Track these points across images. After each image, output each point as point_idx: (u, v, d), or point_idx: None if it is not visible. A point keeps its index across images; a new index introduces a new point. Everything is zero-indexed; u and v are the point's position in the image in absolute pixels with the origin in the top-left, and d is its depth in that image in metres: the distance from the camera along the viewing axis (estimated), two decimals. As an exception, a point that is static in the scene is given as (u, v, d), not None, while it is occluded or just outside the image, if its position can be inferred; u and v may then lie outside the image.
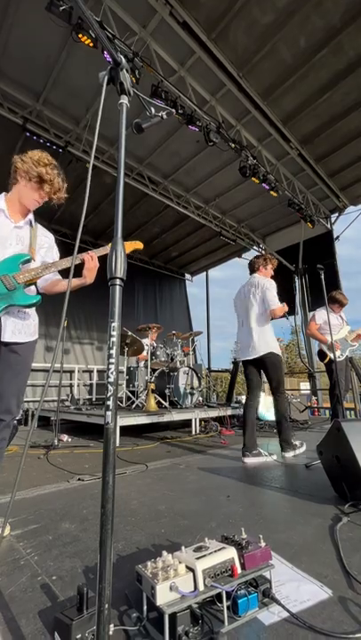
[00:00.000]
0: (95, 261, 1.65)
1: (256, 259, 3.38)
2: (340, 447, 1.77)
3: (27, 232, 1.63)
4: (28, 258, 1.57)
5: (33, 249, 1.61)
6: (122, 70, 0.95)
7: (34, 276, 1.54)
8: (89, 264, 1.64)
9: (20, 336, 1.57)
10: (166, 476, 2.47)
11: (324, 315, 4.13)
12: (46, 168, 1.57)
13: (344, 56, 4.37)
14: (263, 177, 5.69)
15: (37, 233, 1.67)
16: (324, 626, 0.87)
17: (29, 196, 1.59)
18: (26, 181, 1.58)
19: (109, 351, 0.77)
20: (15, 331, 1.55)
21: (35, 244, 1.63)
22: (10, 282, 1.48)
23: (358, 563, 1.18)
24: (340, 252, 7.72)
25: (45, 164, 1.58)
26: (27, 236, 1.63)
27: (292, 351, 35.46)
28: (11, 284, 1.48)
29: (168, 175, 6.72)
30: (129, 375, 5.56)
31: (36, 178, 1.56)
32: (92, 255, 1.65)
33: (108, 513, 0.68)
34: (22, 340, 1.58)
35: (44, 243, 1.71)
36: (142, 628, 0.87)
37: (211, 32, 4.11)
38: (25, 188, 1.59)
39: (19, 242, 1.59)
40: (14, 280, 1.49)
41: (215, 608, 0.91)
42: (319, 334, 4.26)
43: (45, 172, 1.57)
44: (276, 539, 1.36)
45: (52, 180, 1.58)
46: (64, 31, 3.68)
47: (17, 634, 0.88)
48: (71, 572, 1.17)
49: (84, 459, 3.11)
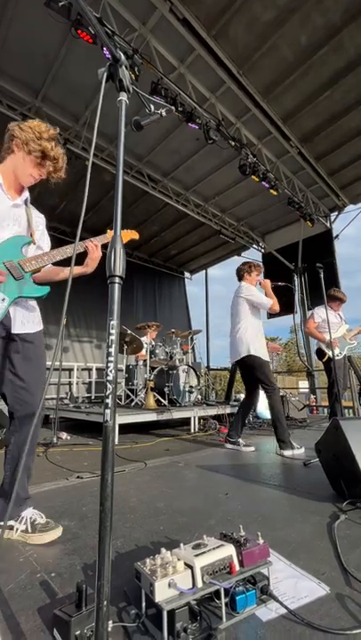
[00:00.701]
0: (99, 250, 1.55)
1: (242, 266, 3.55)
2: (338, 445, 1.78)
3: (23, 211, 1.50)
4: (28, 241, 1.47)
5: (32, 230, 1.50)
6: (121, 67, 0.94)
7: (40, 264, 1.44)
8: (93, 253, 1.55)
9: (29, 326, 1.51)
10: (165, 474, 2.48)
11: (322, 313, 4.15)
12: (51, 143, 1.41)
13: (345, 54, 4.36)
14: (263, 175, 5.68)
15: (32, 213, 1.55)
16: (321, 622, 0.88)
17: (26, 170, 1.43)
18: (24, 154, 1.41)
19: (108, 349, 0.77)
20: (24, 321, 1.49)
21: (32, 224, 1.51)
22: (17, 271, 1.39)
23: (356, 560, 1.19)
24: (339, 250, 7.72)
25: (51, 137, 1.42)
26: (23, 215, 1.50)
27: (291, 350, 35.63)
28: (18, 273, 1.39)
29: (167, 173, 6.71)
30: (128, 373, 5.56)
31: (37, 152, 1.40)
32: (95, 244, 1.56)
33: (107, 510, 0.68)
34: (31, 330, 1.52)
35: (38, 224, 1.60)
36: (141, 625, 0.88)
37: (211, 29, 4.09)
38: (22, 161, 1.42)
39: (16, 222, 1.46)
40: (21, 268, 1.40)
41: (213, 605, 0.92)
42: (317, 332, 4.28)
43: (50, 148, 1.41)
44: (274, 536, 1.36)
45: (56, 158, 1.43)
46: (63, 27, 3.66)
47: (16, 630, 0.88)
48: (70, 569, 1.18)
49: (83, 456, 3.12)
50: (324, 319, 4.11)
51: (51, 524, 1.43)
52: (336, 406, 3.54)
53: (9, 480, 1.46)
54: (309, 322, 4.43)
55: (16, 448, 1.49)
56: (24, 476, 1.49)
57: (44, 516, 1.46)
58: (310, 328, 4.38)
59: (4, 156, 1.45)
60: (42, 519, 1.44)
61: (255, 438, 3.97)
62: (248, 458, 2.94)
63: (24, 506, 1.47)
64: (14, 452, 1.49)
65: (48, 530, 1.40)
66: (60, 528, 1.44)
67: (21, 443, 1.48)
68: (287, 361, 37.89)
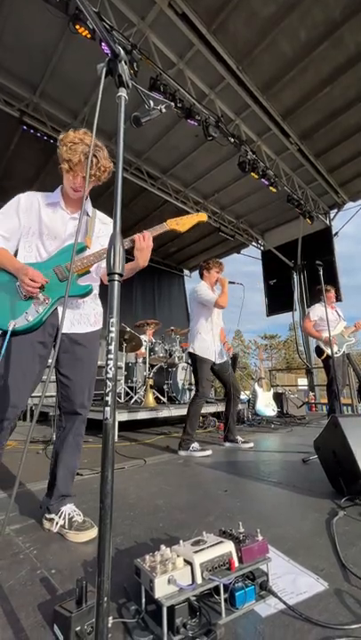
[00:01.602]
0: (148, 241, 1.43)
1: (202, 263, 3.52)
2: (337, 442, 1.79)
3: (83, 222, 1.55)
4: (82, 246, 1.50)
5: (89, 238, 1.54)
6: (120, 62, 0.93)
7: (85, 264, 1.46)
8: (140, 244, 1.42)
9: (80, 327, 1.54)
10: (164, 471, 2.49)
11: (318, 311, 4.20)
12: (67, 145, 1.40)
13: (345, 50, 4.34)
14: (262, 172, 5.66)
15: (95, 221, 1.60)
16: (320, 617, 0.88)
17: (66, 183, 1.49)
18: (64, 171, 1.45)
19: (108, 347, 0.77)
20: (74, 321, 1.53)
21: (91, 232, 1.56)
22: (62, 272, 1.44)
23: (354, 556, 1.20)
24: (338, 248, 7.72)
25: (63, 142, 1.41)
26: (83, 226, 1.55)
27: (290, 347, 35.71)
28: (63, 274, 1.44)
29: (167, 170, 6.68)
30: (127, 371, 5.56)
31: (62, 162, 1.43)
32: (145, 235, 1.43)
33: (107, 507, 0.68)
34: (82, 330, 1.55)
35: (101, 231, 1.61)
36: (141, 621, 0.88)
37: (210, 24, 4.06)
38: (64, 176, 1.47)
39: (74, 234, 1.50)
40: (65, 269, 1.44)
41: (213, 600, 0.93)
42: (314, 330, 4.30)
43: (65, 151, 1.40)
44: (273, 532, 1.37)
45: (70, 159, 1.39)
46: (61, 22, 3.63)
47: (17, 626, 0.89)
48: (70, 565, 1.18)
49: (83, 454, 3.11)
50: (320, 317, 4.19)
51: (87, 524, 1.44)
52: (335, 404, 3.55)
53: (50, 470, 1.56)
54: (306, 321, 4.46)
55: (59, 442, 1.56)
56: (66, 473, 1.55)
57: (82, 514, 1.48)
58: (307, 327, 4.40)
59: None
60: (79, 517, 1.46)
61: (255, 435, 3.99)
62: (247, 455, 2.95)
63: (65, 501, 1.51)
64: (57, 445, 1.56)
65: (84, 529, 1.41)
66: (96, 528, 1.42)
67: (64, 438, 1.56)
68: (286, 358, 38.00)
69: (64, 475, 1.53)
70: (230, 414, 3.38)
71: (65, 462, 1.54)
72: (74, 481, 1.62)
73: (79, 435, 1.59)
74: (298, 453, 2.87)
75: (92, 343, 1.60)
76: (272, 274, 8.92)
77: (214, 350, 3.27)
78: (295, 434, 4.09)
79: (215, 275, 3.37)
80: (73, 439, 1.57)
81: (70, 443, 1.56)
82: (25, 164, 6.03)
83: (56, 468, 1.53)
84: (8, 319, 1.37)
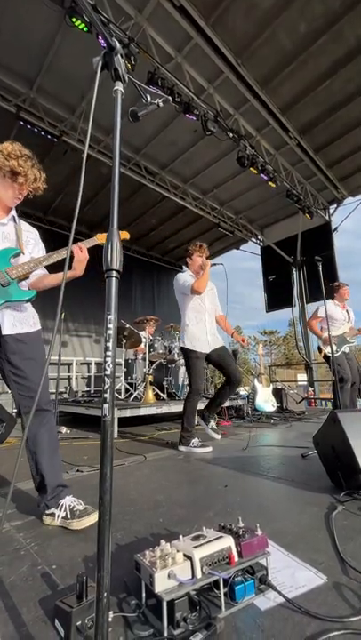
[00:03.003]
0: (85, 253, 1.63)
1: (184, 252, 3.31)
2: (336, 437, 1.79)
3: (12, 228, 1.61)
4: (17, 252, 1.56)
5: (21, 243, 1.60)
6: (116, 55, 0.92)
7: (26, 270, 1.54)
8: (78, 255, 1.61)
9: (22, 327, 1.57)
10: (164, 467, 2.50)
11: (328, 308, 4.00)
12: (18, 160, 1.50)
13: (344, 43, 4.29)
14: (261, 167, 5.63)
15: (22, 228, 1.65)
16: (319, 610, 0.89)
17: (6, 192, 1.54)
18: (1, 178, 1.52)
19: (106, 344, 0.77)
20: (15, 322, 1.55)
21: (21, 239, 1.62)
22: (3, 277, 1.48)
23: (353, 549, 1.21)
24: (338, 243, 7.71)
25: (17, 156, 1.50)
26: (12, 232, 1.60)
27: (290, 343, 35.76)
28: (4, 279, 1.49)
29: (165, 165, 6.64)
30: (127, 367, 5.57)
31: (8, 173, 1.50)
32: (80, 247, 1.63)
33: (107, 503, 0.69)
34: (25, 330, 1.58)
35: (29, 239, 1.68)
36: (141, 615, 0.89)
37: (209, 17, 4.01)
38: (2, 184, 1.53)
39: (4, 239, 1.57)
40: (7, 275, 1.50)
41: (213, 595, 0.93)
42: (315, 328, 4.32)
43: (17, 165, 1.49)
44: (272, 527, 1.38)
45: (25, 173, 1.51)
46: (57, 15, 3.59)
47: (18, 621, 0.89)
48: (71, 561, 1.19)
49: (83, 450, 3.14)
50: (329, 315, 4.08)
51: (89, 509, 1.47)
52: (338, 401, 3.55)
53: (34, 472, 1.55)
54: (311, 317, 4.44)
55: (33, 444, 1.55)
56: (53, 467, 1.55)
57: (82, 502, 1.51)
58: (310, 324, 4.41)
59: None
60: (80, 506, 1.49)
61: (254, 430, 4.00)
62: (247, 450, 2.97)
63: (63, 494, 1.53)
64: (30, 446, 1.56)
65: (87, 514, 1.44)
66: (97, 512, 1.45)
67: (35, 438, 1.54)
68: (286, 354, 38.09)
69: (51, 470, 1.54)
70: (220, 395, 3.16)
71: (48, 459, 1.54)
72: (69, 475, 1.63)
73: (53, 428, 1.61)
74: (297, 448, 2.88)
75: (37, 342, 1.64)
76: (271, 270, 8.91)
77: (206, 340, 3.03)
78: (294, 429, 4.10)
79: (198, 259, 3.13)
80: (48, 435, 1.57)
81: (46, 439, 1.56)
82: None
83: (40, 467, 1.53)
84: None
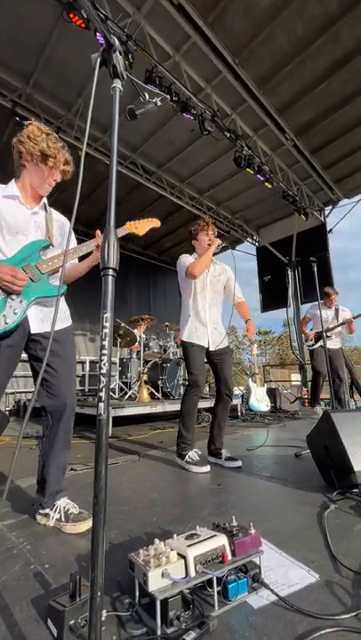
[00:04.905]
0: None
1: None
2: (329, 437, 1.81)
3: (42, 218, 1.58)
4: (47, 244, 1.52)
5: (51, 234, 1.56)
6: (115, 52, 0.92)
7: (57, 265, 1.49)
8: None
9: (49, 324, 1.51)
10: (158, 466, 2.50)
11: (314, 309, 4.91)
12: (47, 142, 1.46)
13: (342, 45, 4.31)
14: (258, 168, 5.65)
15: (52, 217, 1.61)
16: (311, 608, 0.90)
17: (39, 178, 1.51)
18: (34, 165, 1.49)
19: (102, 342, 0.77)
20: (44, 319, 1.51)
21: (52, 229, 1.57)
22: (34, 273, 1.44)
23: (345, 548, 1.22)
24: (333, 244, 7.76)
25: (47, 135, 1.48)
26: (43, 221, 1.57)
27: (284, 343, 35.92)
28: (35, 274, 1.44)
29: (162, 164, 6.62)
30: (121, 366, 5.56)
31: (39, 157, 1.46)
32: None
33: (101, 502, 0.69)
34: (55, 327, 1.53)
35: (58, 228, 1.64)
36: (135, 614, 0.89)
37: (207, 16, 4.00)
38: (35, 171, 1.50)
39: (37, 229, 1.53)
40: (38, 270, 1.45)
41: (206, 593, 0.94)
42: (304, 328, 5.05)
43: (47, 147, 1.46)
44: (265, 526, 1.39)
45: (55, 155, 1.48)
46: (55, 10, 3.55)
47: (10, 621, 0.89)
48: (63, 560, 1.19)
49: (77, 449, 3.12)
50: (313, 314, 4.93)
51: (84, 515, 1.45)
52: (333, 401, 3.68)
53: (40, 471, 1.54)
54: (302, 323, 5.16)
55: (48, 442, 1.54)
56: (58, 471, 1.54)
57: (77, 506, 1.49)
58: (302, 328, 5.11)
59: (19, 172, 1.54)
60: (75, 509, 1.47)
61: (248, 430, 4.02)
62: (240, 451, 2.98)
63: (58, 495, 1.51)
64: (46, 445, 1.54)
65: (81, 520, 1.42)
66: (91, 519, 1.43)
67: (53, 436, 1.53)
68: (280, 354, 38.29)
69: (56, 473, 1.53)
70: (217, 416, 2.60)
71: (56, 460, 1.53)
72: (65, 475, 1.62)
73: (69, 430, 1.59)
74: (290, 448, 2.90)
75: (67, 339, 1.61)
76: (266, 270, 8.94)
77: (206, 333, 2.59)
78: (288, 429, 4.13)
79: (205, 239, 2.71)
80: (64, 436, 1.56)
81: (61, 439, 1.54)
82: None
83: (47, 468, 1.52)
84: None
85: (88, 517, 1.43)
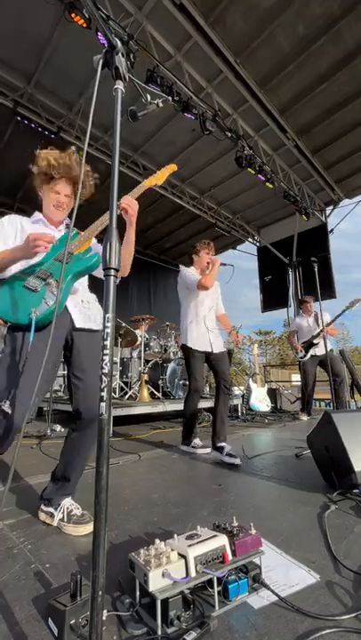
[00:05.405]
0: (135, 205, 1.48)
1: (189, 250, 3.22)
2: (329, 438, 1.81)
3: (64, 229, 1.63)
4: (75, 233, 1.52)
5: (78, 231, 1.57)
6: (117, 54, 0.92)
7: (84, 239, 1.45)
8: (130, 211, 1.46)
9: (92, 324, 1.53)
10: (159, 466, 2.50)
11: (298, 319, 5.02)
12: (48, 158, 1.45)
13: (343, 45, 4.32)
14: (259, 168, 5.65)
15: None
16: (311, 609, 0.90)
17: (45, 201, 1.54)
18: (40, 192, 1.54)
19: (103, 342, 0.77)
20: (85, 319, 1.51)
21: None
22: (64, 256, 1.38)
23: (345, 548, 1.22)
24: (334, 245, 7.75)
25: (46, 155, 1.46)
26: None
27: (285, 343, 35.89)
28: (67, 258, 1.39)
29: (163, 164, 6.57)
30: (122, 366, 5.56)
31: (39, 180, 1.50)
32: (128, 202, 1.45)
33: (102, 502, 0.69)
34: (95, 327, 1.54)
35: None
36: (135, 614, 0.89)
37: (208, 16, 4.00)
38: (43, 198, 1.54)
39: None
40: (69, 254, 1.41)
41: (206, 593, 0.94)
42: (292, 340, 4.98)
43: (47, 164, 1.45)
44: (266, 526, 1.39)
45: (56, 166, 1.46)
46: (56, 10, 3.55)
47: (11, 620, 0.89)
48: (64, 560, 1.19)
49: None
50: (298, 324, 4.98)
51: (86, 517, 1.43)
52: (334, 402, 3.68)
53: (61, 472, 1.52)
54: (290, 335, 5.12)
55: (75, 449, 1.52)
56: (77, 476, 1.54)
57: (80, 508, 1.48)
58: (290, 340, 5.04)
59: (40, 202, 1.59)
60: (78, 511, 1.46)
61: (248, 430, 4.02)
62: (241, 450, 2.98)
63: (65, 496, 1.51)
64: (70, 450, 1.53)
65: (84, 522, 1.41)
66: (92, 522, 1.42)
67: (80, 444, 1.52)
68: (280, 354, 38.29)
69: (75, 478, 1.53)
70: (218, 411, 2.76)
71: (80, 466, 1.53)
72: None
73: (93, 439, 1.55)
74: (291, 448, 2.90)
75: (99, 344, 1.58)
76: (267, 270, 8.94)
77: (208, 339, 2.88)
78: (288, 429, 4.13)
79: (205, 257, 3.00)
80: (92, 445, 1.51)
81: (88, 448, 1.52)
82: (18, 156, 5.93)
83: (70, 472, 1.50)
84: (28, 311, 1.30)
85: (90, 521, 1.41)
